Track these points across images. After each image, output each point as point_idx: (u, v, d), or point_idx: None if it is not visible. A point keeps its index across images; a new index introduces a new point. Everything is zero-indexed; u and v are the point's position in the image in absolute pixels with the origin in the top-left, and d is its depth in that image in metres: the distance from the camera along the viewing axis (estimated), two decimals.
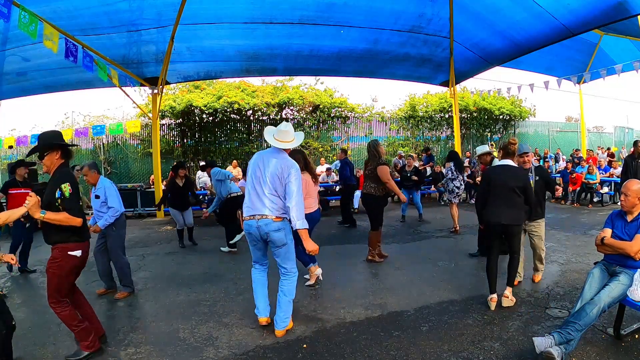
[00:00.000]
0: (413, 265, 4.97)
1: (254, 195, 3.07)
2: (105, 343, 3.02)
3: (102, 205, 4.09)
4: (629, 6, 6.26)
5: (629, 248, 2.72)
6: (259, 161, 3.12)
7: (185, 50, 8.48)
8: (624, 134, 19.34)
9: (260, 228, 3.03)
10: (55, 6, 6.00)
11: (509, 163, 3.61)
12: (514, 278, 3.57)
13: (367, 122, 14.27)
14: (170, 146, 12.80)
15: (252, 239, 3.16)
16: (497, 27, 8.08)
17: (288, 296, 3.18)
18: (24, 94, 9.62)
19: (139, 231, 7.92)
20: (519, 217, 3.50)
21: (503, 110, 14.80)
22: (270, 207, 3.03)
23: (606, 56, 11.78)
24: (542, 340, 2.49)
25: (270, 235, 3.04)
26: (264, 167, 3.08)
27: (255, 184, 3.08)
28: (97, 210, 4.14)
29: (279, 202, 3.05)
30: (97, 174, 4.19)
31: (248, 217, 3.08)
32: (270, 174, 3.04)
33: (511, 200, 3.46)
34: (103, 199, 4.07)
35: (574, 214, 8.44)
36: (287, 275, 3.21)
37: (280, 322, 3.13)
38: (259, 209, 3.04)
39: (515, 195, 3.45)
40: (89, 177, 4.13)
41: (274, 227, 3.03)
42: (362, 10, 7.62)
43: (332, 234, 7.06)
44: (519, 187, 3.44)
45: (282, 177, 3.02)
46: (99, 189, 4.11)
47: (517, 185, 3.43)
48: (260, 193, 3.05)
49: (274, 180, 3.03)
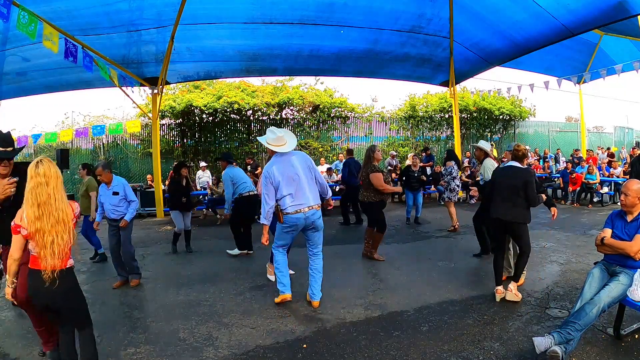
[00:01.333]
0: (413, 265, 4.97)
1: (298, 191, 3.52)
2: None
3: (120, 200, 4.42)
4: (629, 6, 6.26)
5: (629, 248, 2.72)
6: (283, 165, 3.55)
7: (185, 50, 8.47)
8: (624, 134, 19.35)
9: (308, 218, 3.53)
10: (55, 6, 5.99)
11: (514, 164, 3.71)
12: (520, 274, 3.71)
13: (367, 122, 14.27)
14: (170, 146, 12.80)
15: (293, 229, 3.59)
16: (497, 27, 8.07)
17: (321, 272, 3.74)
18: (24, 94, 9.61)
19: (139, 231, 7.92)
20: (519, 214, 3.54)
21: (503, 110, 14.80)
22: (314, 198, 3.59)
23: (606, 56, 11.77)
24: (542, 340, 2.49)
25: (316, 222, 3.59)
26: (292, 167, 3.55)
27: (293, 183, 3.51)
28: (115, 205, 4.42)
29: (317, 190, 3.65)
30: (111, 173, 4.49)
31: (294, 211, 3.50)
32: (302, 169, 3.57)
33: (511, 198, 3.55)
34: (122, 195, 4.41)
35: (574, 214, 8.44)
36: (319, 256, 3.76)
37: (318, 294, 3.68)
38: (305, 202, 3.52)
39: (515, 193, 3.53)
40: (103, 176, 4.40)
41: (318, 215, 3.61)
42: (362, 10, 7.61)
43: (332, 234, 7.05)
44: (518, 186, 3.51)
45: (311, 167, 3.66)
46: (116, 186, 4.42)
47: (516, 184, 3.52)
48: (303, 188, 3.53)
49: (308, 172, 3.61)
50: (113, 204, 4.42)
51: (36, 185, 2.12)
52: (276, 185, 3.51)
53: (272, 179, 3.51)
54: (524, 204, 3.54)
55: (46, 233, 2.13)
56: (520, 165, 3.70)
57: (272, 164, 3.59)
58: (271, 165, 3.59)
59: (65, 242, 2.19)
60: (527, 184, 3.51)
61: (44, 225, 2.12)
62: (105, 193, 4.46)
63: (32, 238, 2.14)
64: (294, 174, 3.53)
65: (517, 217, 3.54)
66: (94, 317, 2.44)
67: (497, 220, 3.64)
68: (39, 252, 2.16)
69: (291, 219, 3.52)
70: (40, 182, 2.13)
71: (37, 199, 2.11)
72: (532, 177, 3.61)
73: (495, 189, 3.70)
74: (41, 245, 2.14)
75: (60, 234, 2.17)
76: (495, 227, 3.82)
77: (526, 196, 3.52)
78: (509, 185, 3.58)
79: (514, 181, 3.56)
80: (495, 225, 3.75)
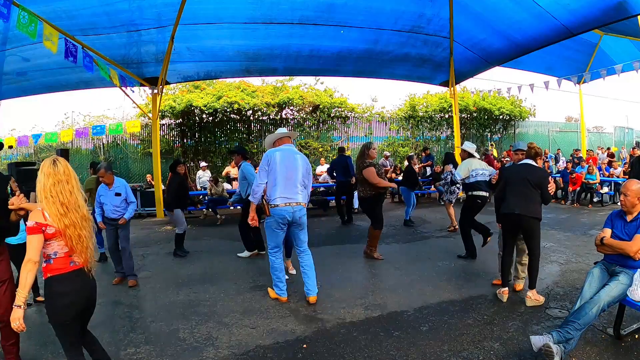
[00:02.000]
0: (413, 265, 4.97)
1: (290, 186, 3.63)
2: None
3: (122, 201, 4.57)
4: (629, 6, 6.25)
5: (629, 248, 2.72)
6: (286, 156, 3.70)
7: (185, 50, 8.47)
8: (623, 134, 19.35)
9: (295, 213, 3.63)
10: (55, 6, 6.00)
11: (528, 162, 3.71)
12: (535, 280, 3.58)
13: (367, 122, 14.27)
14: (170, 146, 12.81)
15: (282, 223, 3.66)
16: (497, 27, 8.07)
17: (313, 267, 3.79)
18: (24, 94, 9.61)
19: (139, 231, 7.92)
20: (532, 209, 3.50)
21: (503, 110, 14.81)
22: (303, 198, 3.72)
23: (606, 56, 11.77)
24: (539, 338, 2.50)
25: (302, 218, 3.70)
26: (294, 161, 3.71)
27: (289, 176, 3.64)
28: (117, 206, 4.56)
29: (306, 194, 3.79)
30: (112, 174, 4.61)
31: (283, 204, 3.59)
32: (302, 170, 3.73)
33: (526, 194, 3.52)
34: (124, 196, 4.56)
35: (574, 214, 8.44)
36: (306, 252, 3.82)
37: (314, 289, 3.76)
38: (294, 198, 3.63)
39: (529, 188, 3.52)
40: (105, 178, 4.52)
41: (304, 212, 3.73)
42: (362, 10, 7.61)
43: (332, 234, 7.06)
44: (533, 181, 3.51)
45: (310, 174, 3.84)
46: (118, 187, 4.56)
47: (531, 179, 3.52)
48: (295, 186, 3.66)
49: (306, 176, 3.79)
50: (115, 204, 4.55)
51: (56, 183, 2.10)
52: (272, 169, 3.63)
53: (271, 161, 3.64)
54: (537, 200, 3.52)
55: (77, 228, 2.10)
56: (535, 164, 3.69)
57: (276, 150, 3.75)
58: (275, 150, 3.74)
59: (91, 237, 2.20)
60: (542, 182, 3.51)
61: (75, 220, 2.10)
62: (106, 194, 4.56)
63: (63, 235, 2.07)
64: (293, 169, 3.68)
65: (532, 212, 3.49)
66: (94, 317, 2.44)
67: (510, 216, 3.57)
68: (74, 246, 2.09)
69: (280, 211, 3.60)
70: (61, 179, 2.11)
71: (59, 196, 2.09)
72: (548, 175, 3.63)
73: (508, 186, 3.66)
74: (75, 240, 2.09)
75: (87, 229, 2.17)
76: (506, 225, 3.72)
77: (541, 193, 3.51)
78: (523, 181, 3.55)
79: (529, 177, 3.53)
80: (507, 222, 3.66)
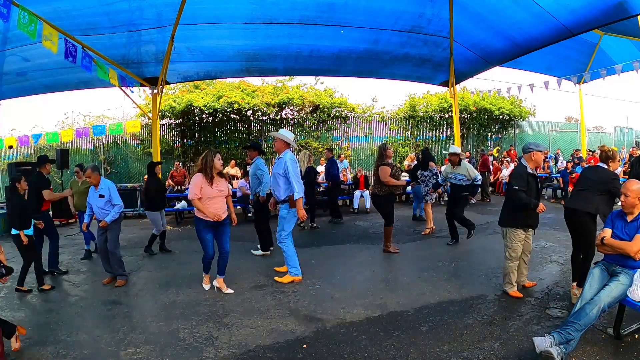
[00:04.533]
0: (413, 265, 4.97)
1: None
2: None
3: (106, 203, 4.52)
4: (629, 6, 6.25)
5: (629, 248, 2.72)
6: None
7: (185, 50, 8.47)
8: (624, 134, 19.34)
9: None
10: (56, 6, 5.99)
11: (601, 165, 3.73)
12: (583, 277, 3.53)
13: (367, 122, 14.27)
14: (170, 146, 12.81)
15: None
16: (497, 27, 8.06)
17: None
18: (24, 94, 9.59)
19: (139, 231, 7.92)
20: (588, 205, 3.51)
21: (503, 110, 14.80)
22: None
23: (606, 56, 11.76)
24: (542, 340, 2.49)
25: None
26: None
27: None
28: (102, 208, 4.54)
29: None
30: (99, 175, 4.61)
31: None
32: None
33: (586, 192, 3.56)
34: (108, 198, 4.52)
35: None
36: None
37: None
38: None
39: (592, 188, 3.54)
40: (92, 178, 4.52)
41: None
42: (362, 10, 7.61)
43: (332, 234, 7.06)
44: (599, 183, 3.52)
45: None
46: (102, 189, 4.53)
47: (596, 180, 3.55)
48: None
49: None
50: (99, 206, 4.55)
51: None
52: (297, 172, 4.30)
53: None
54: (597, 201, 3.50)
55: None
56: (606, 167, 3.67)
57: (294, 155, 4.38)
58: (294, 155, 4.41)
59: None
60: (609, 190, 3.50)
61: None
62: (93, 195, 4.57)
63: None
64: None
65: (583, 206, 3.51)
66: (94, 317, 2.44)
67: (571, 212, 3.63)
68: None
69: None
70: None
71: None
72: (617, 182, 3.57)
73: (577, 184, 3.78)
74: None
75: None
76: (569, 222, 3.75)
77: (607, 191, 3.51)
78: (588, 179, 3.64)
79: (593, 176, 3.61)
80: (569, 219, 3.71)
